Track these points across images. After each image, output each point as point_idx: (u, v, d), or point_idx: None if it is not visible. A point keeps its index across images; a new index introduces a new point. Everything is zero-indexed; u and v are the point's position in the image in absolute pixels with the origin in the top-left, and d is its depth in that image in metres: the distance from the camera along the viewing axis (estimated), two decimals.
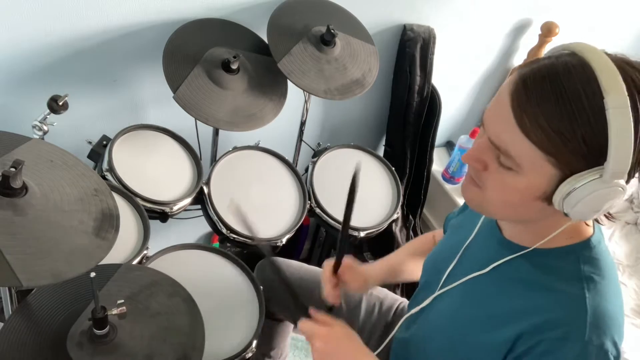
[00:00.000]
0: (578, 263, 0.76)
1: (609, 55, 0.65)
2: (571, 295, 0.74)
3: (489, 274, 0.84)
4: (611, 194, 0.65)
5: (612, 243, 2.19)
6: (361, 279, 1.11)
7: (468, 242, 0.94)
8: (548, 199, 0.69)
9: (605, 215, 0.75)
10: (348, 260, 1.09)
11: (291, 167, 1.55)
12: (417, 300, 1.02)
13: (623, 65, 0.64)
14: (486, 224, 0.92)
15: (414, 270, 1.19)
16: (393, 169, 1.65)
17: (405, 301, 1.27)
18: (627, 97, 0.61)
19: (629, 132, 0.61)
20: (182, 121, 1.35)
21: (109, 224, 0.91)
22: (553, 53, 0.70)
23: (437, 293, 0.95)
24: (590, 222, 0.79)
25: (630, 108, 0.61)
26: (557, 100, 0.63)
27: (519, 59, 2.03)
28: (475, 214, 0.96)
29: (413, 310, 1.00)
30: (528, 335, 0.74)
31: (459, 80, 2.02)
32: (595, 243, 0.78)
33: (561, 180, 0.66)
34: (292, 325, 1.48)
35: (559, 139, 0.63)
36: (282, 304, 1.33)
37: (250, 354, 1.16)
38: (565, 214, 0.69)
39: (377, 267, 1.19)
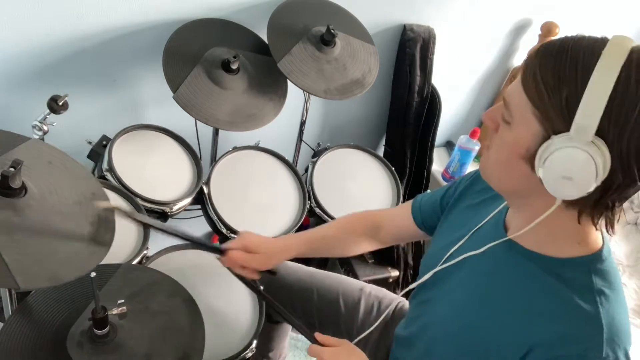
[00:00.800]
0: (590, 275, 0.75)
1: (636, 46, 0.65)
2: (586, 311, 0.73)
3: (499, 274, 0.83)
4: (578, 159, 0.64)
5: (612, 243, 2.19)
6: (264, 259, 1.08)
7: (474, 230, 0.92)
8: (531, 160, 0.70)
9: (610, 225, 0.75)
10: (235, 253, 1.05)
11: (291, 167, 1.54)
12: (417, 301, 1.02)
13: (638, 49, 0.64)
14: (495, 219, 0.91)
15: (342, 248, 1.17)
16: (393, 169, 1.65)
17: (403, 300, 1.27)
18: (620, 64, 0.62)
19: (605, 92, 0.61)
20: (182, 121, 1.35)
21: (105, 227, 0.91)
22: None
23: (438, 267, 0.93)
24: (599, 234, 0.78)
25: (617, 72, 0.61)
26: (557, 57, 0.66)
27: (519, 59, 2.03)
28: (475, 210, 0.96)
29: (414, 283, 0.99)
30: (545, 348, 0.74)
31: (459, 80, 2.02)
32: (606, 255, 0.77)
33: (544, 139, 0.68)
34: (290, 327, 1.48)
35: (545, 91, 0.66)
36: (280, 304, 1.32)
37: (250, 354, 1.16)
38: (541, 182, 0.69)
39: (292, 242, 1.14)
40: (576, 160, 0.65)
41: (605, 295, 0.74)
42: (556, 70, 0.65)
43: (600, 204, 0.70)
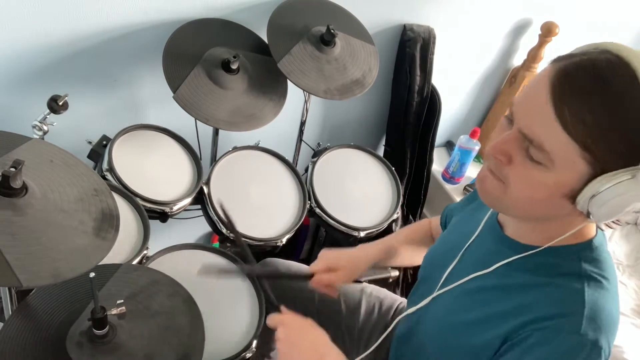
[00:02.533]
0: (579, 261, 0.75)
1: None
2: (570, 288, 0.73)
3: (489, 274, 0.84)
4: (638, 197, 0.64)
5: (612, 243, 2.19)
6: (348, 272, 1.11)
7: (471, 240, 0.92)
8: (574, 197, 0.68)
9: (614, 221, 0.74)
10: (321, 276, 1.09)
11: (291, 167, 1.54)
12: (416, 296, 1.02)
13: None
14: (487, 221, 0.92)
15: (408, 256, 1.19)
16: (393, 169, 1.65)
17: (405, 301, 1.27)
18: None
19: None
20: (182, 121, 1.35)
21: (108, 224, 0.91)
22: (587, 50, 0.68)
23: (435, 294, 0.94)
24: (593, 224, 0.79)
25: None
26: (602, 96, 0.62)
27: (519, 59, 2.03)
28: (477, 210, 0.96)
29: (410, 310, 1.00)
30: (520, 327, 0.74)
31: (459, 80, 2.02)
32: (597, 244, 0.77)
33: (591, 178, 0.65)
34: None
35: (599, 134, 0.62)
36: (282, 304, 1.32)
37: (250, 354, 1.16)
38: (588, 214, 0.68)
39: (370, 251, 1.17)
40: (635, 199, 0.64)
41: (594, 280, 0.74)
42: (608, 113, 0.62)
43: None
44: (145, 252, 1.21)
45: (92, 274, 0.83)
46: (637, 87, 0.61)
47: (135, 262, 1.17)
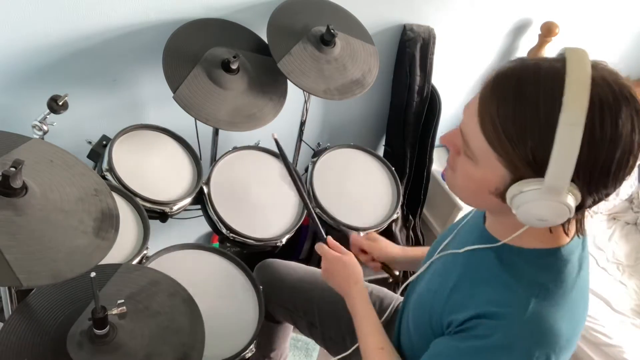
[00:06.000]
0: (536, 268, 0.76)
1: (597, 68, 0.64)
2: (518, 292, 0.75)
3: (462, 257, 0.87)
4: (551, 208, 0.66)
5: (612, 243, 2.19)
6: (380, 245, 1.20)
7: (462, 223, 0.97)
8: (501, 196, 0.71)
9: (579, 224, 0.77)
10: (357, 236, 1.22)
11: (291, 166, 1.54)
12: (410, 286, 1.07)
13: (602, 82, 0.63)
14: (476, 211, 0.95)
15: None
16: (393, 169, 1.65)
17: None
18: (584, 116, 0.60)
19: (573, 151, 0.61)
20: (182, 121, 1.35)
21: (108, 223, 0.91)
22: (556, 54, 0.70)
23: (423, 268, 0.99)
24: (570, 231, 0.78)
25: (583, 127, 0.61)
26: (515, 106, 0.64)
27: None
28: None
29: (409, 279, 1.06)
30: (468, 318, 0.77)
31: (459, 80, 2.02)
32: (565, 254, 0.77)
33: (513, 181, 0.68)
34: (291, 327, 1.48)
35: (509, 143, 0.65)
36: (281, 304, 1.33)
37: (250, 354, 1.16)
38: (513, 212, 0.71)
39: (400, 248, 1.22)
40: (550, 209, 0.66)
41: (546, 290, 0.74)
42: (517, 120, 0.64)
43: (570, 218, 0.71)
44: (145, 252, 1.21)
45: (92, 274, 0.83)
46: (553, 101, 0.62)
47: (135, 262, 1.17)
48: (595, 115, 0.62)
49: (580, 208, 0.69)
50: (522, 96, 0.64)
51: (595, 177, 0.65)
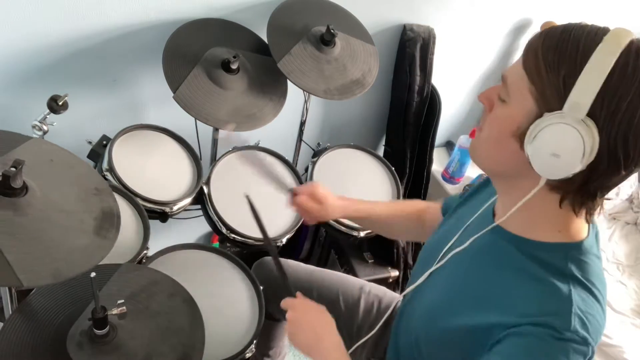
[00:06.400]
0: (565, 260, 0.76)
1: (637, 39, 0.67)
2: (557, 287, 0.74)
3: (477, 257, 0.85)
4: (568, 136, 0.65)
5: (612, 243, 2.19)
6: (323, 209, 1.17)
7: (464, 228, 0.94)
8: (521, 137, 0.71)
9: (588, 213, 0.75)
10: (302, 198, 1.16)
11: (291, 167, 1.54)
12: (413, 281, 1.03)
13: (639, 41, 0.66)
14: (484, 211, 0.93)
15: (382, 228, 1.25)
16: (393, 169, 1.65)
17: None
18: (620, 48, 0.63)
19: (601, 73, 0.63)
20: (182, 121, 1.35)
21: (109, 223, 0.91)
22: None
23: (432, 268, 0.95)
24: (584, 226, 0.78)
25: (617, 56, 0.63)
26: (560, 37, 0.67)
27: None
28: (476, 203, 0.97)
29: (406, 291, 1.01)
30: (513, 320, 0.74)
31: (459, 80, 2.02)
32: (587, 247, 0.77)
33: (536, 117, 0.69)
34: None
35: (544, 68, 0.67)
36: (279, 303, 1.32)
37: (249, 354, 1.16)
38: (529, 160, 0.70)
39: (348, 203, 1.21)
40: (565, 137, 0.66)
41: (578, 282, 0.74)
42: (558, 49, 0.66)
43: (583, 190, 0.71)
44: (145, 252, 1.21)
45: (93, 274, 0.83)
46: (596, 38, 0.65)
47: (135, 262, 1.17)
48: (631, 54, 0.64)
49: (593, 175, 0.68)
50: (567, 32, 0.67)
51: (617, 119, 0.64)
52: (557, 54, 0.66)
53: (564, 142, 0.66)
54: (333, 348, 0.91)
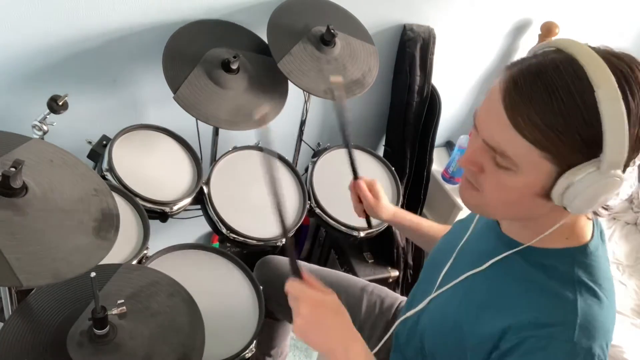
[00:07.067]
0: (572, 266, 0.76)
1: (593, 48, 0.66)
2: (563, 296, 0.74)
3: (483, 272, 0.85)
4: (609, 185, 0.66)
5: (612, 243, 2.19)
6: (377, 203, 1.20)
7: (465, 237, 0.94)
8: (547, 194, 0.70)
9: (603, 207, 0.75)
10: (363, 185, 1.21)
11: (291, 167, 1.54)
12: (416, 296, 1.03)
13: (609, 57, 0.65)
14: (485, 219, 0.92)
15: (433, 242, 1.18)
16: (393, 169, 1.65)
17: (405, 300, 1.27)
18: (618, 89, 0.62)
19: (623, 122, 0.62)
20: (182, 121, 1.35)
21: (109, 223, 0.91)
22: (538, 51, 0.70)
23: (434, 294, 0.95)
24: (589, 227, 0.79)
25: (621, 99, 0.61)
26: (549, 97, 0.64)
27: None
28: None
29: (409, 313, 1.00)
30: (514, 331, 0.75)
31: (459, 80, 2.02)
32: (592, 249, 0.77)
33: (559, 175, 0.67)
34: (291, 325, 1.48)
35: (554, 134, 0.64)
36: (281, 303, 1.32)
37: (250, 354, 1.16)
38: (565, 208, 0.70)
39: (398, 210, 1.24)
40: (606, 188, 0.66)
41: (586, 287, 0.74)
42: (558, 113, 0.63)
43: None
44: (145, 252, 1.21)
45: (92, 274, 0.83)
46: (582, 83, 0.63)
47: (135, 262, 1.17)
48: (625, 89, 0.63)
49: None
50: (551, 87, 0.64)
51: (638, 144, 0.65)
52: (559, 116, 0.63)
53: (607, 191, 0.67)
54: (362, 354, 0.82)
